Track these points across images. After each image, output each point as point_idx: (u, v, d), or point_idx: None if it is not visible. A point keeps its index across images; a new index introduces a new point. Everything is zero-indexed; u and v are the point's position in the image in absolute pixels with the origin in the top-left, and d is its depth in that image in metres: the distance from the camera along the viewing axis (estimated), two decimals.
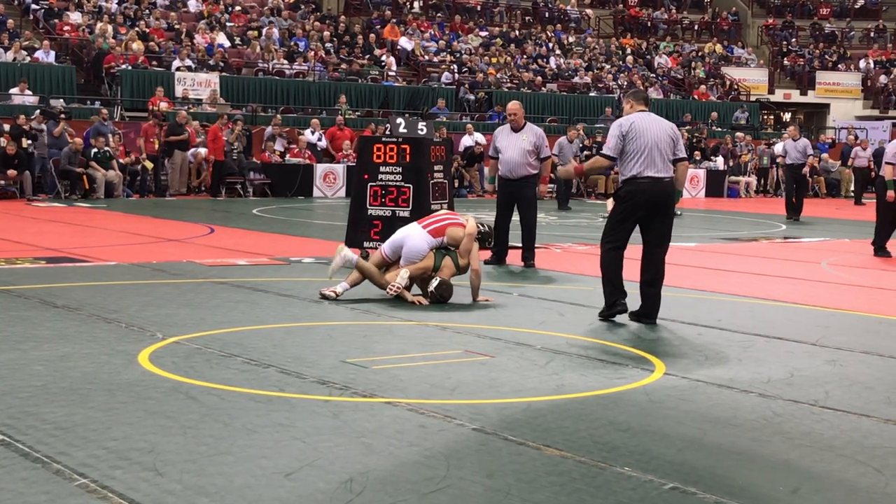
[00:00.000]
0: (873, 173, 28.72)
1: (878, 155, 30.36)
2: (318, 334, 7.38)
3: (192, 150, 22.66)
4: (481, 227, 9.25)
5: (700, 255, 13.65)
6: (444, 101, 28.93)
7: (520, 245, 11.80)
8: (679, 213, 20.09)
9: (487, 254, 11.78)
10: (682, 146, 8.33)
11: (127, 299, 8.50)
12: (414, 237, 8.98)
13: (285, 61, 28.72)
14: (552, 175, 13.14)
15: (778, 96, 39.23)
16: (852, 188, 29.26)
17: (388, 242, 9.14)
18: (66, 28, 26.89)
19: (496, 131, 11.92)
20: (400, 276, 8.77)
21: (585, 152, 25.34)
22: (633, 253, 8.33)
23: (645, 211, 8.09)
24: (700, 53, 39.07)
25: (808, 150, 20.77)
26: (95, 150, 20.66)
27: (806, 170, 20.64)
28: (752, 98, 36.77)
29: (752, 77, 38.57)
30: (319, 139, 24.74)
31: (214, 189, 22.37)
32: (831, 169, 30.97)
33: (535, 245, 11.83)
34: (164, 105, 23.93)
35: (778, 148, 24.77)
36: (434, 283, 8.79)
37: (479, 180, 26.64)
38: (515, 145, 11.42)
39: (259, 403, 5.34)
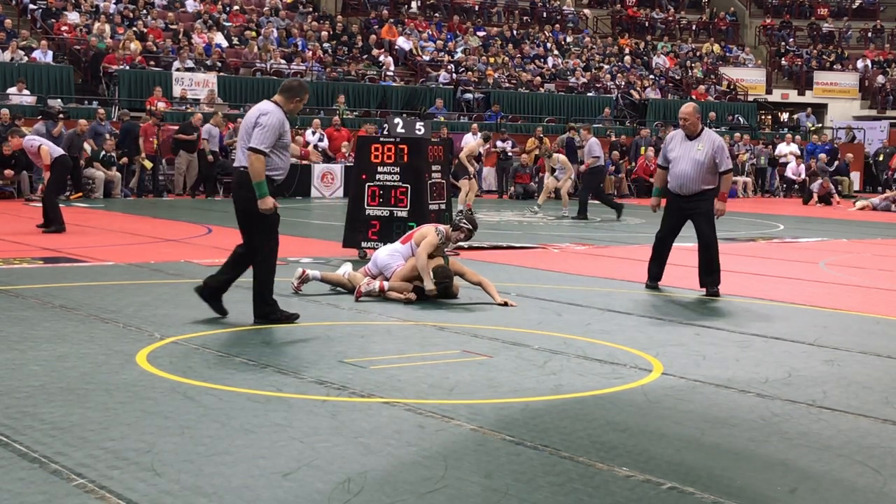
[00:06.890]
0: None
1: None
2: (315, 334, 7.38)
3: None
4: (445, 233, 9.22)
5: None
6: (441, 101, 28.92)
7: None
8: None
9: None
10: (255, 135, 7.39)
11: (125, 299, 8.49)
12: (382, 249, 9.54)
13: (283, 61, 28.70)
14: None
15: (776, 96, 39.20)
16: (854, 189, 29.20)
17: (370, 261, 9.61)
18: (63, 28, 26.84)
19: (668, 137, 10.32)
20: (365, 282, 9.07)
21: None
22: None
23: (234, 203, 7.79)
24: (698, 53, 39.06)
25: (594, 152, 19.64)
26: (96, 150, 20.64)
27: (583, 168, 20.37)
28: (750, 98, 36.76)
29: (749, 77, 38.55)
30: (321, 139, 24.71)
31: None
32: (828, 169, 30.96)
33: (720, 267, 10.06)
34: (161, 105, 23.89)
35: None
36: (430, 267, 8.95)
37: (478, 181, 26.63)
38: (688, 156, 9.77)
39: (257, 403, 5.34)
